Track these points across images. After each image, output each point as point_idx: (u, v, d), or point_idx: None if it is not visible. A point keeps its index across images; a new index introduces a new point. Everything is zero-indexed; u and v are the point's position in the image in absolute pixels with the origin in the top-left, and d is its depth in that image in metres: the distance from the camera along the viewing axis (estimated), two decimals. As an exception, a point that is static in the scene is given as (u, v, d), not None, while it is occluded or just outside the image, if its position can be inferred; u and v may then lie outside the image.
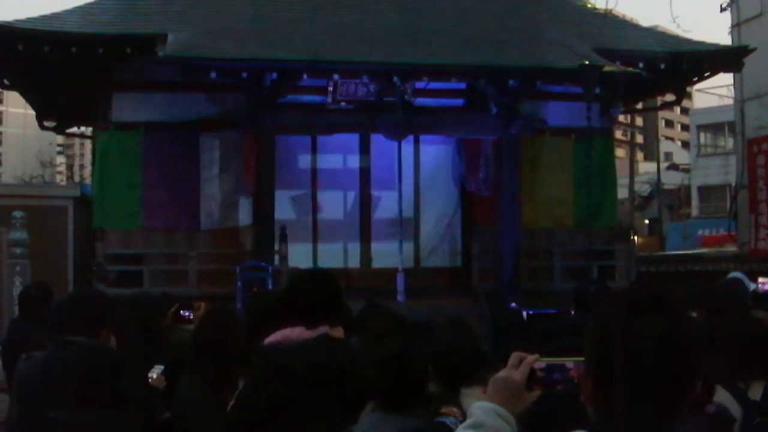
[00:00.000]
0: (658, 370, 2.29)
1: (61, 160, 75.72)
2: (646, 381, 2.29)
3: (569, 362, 2.76)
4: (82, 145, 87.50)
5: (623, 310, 2.37)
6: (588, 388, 2.39)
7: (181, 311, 9.13)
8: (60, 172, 67.90)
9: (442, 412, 4.66)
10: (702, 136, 50.16)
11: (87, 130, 31.20)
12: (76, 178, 67.35)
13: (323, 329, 4.73)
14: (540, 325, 6.83)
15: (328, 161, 21.30)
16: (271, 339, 4.88)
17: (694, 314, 6.55)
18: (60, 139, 59.70)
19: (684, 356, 2.33)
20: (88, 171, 67.47)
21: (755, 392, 4.86)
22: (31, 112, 27.79)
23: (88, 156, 78.00)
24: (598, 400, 2.37)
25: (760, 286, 7.78)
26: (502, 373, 2.77)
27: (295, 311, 4.96)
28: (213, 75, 17.75)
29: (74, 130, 30.85)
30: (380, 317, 6.66)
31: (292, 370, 2.78)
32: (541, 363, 2.77)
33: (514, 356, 2.78)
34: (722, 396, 4.61)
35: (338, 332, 4.89)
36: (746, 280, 9.39)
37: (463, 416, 4.71)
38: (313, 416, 2.77)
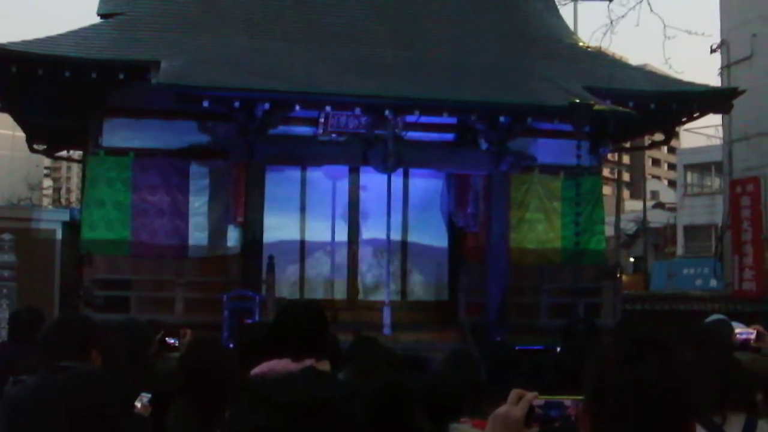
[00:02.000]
0: (654, 411, 2.32)
1: (48, 183, 75.53)
2: (642, 422, 2.32)
3: (567, 400, 2.80)
4: (68, 168, 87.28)
5: (622, 351, 2.40)
6: (586, 426, 2.42)
7: (167, 338, 9.09)
8: (47, 195, 67.70)
9: (432, 447, 4.68)
10: (689, 175, 50.30)
11: (76, 154, 31.15)
12: (63, 202, 67.12)
13: (309, 362, 4.73)
14: (529, 362, 6.85)
15: (318, 193, 21.30)
16: (256, 370, 4.89)
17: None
18: (47, 162, 59.63)
19: (680, 398, 2.36)
20: (75, 195, 67.28)
21: (731, 427, 4.89)
22: (20, 134, 27.71)
23: (75, 180, 77.78)
24: (596, 439, 2.40)
25: (737, 335, 7.79)
26: (501, 409, 2.79)
27: (282, 343, 4.96)
28: (205, 104, 17.79)
29: (63, 153, 30.82)
30: (370, 351, 6.66)
31: (275, 403, 2.80)
32: (539, 400, 2.80)
33: (514, 393, 2.81)
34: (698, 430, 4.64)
35: (324, 365, 4.88)
36: (728, 322, 9.41)
37: (453, 452, 4.73)
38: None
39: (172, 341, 9.33)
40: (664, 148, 56.82)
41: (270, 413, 2.72)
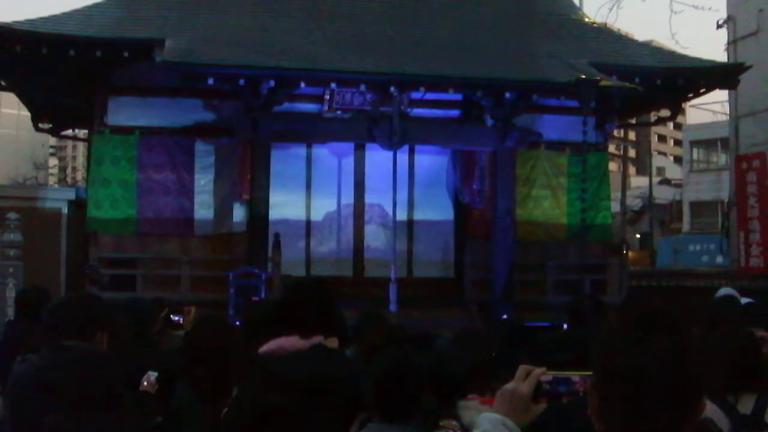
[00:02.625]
0: (663, 388, 2.30)
1: (53, 162, 75.55)
2: (651, 398, 2.30)
3: (575, 376, 2.79)
4: (74, 147, 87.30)
5: (631, 327, 2.38)
6: (594, 402, 2.40)
7: (171, 315, 9.11)
8: (52, 174, 67.80)
9: (440, 425, 4.67)
10: (695, 151, 50.22)
11: (81, 133, 31.14)
12: (69, 181, 67.16)
13: (318, 339, 4.73)
14: (537, 338, 6.86)
15: (323, 170, 21.28)
16: (265, 348, 4.88)
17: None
18: (52, 140, 59.68)
19: (690, 375, 2.34)
20: (80, 174, 67.29)
21: (744, 406, 4.87)
22: (25, 113, 27.70)
23: (81, 158, 77.77)
24: (604, 415, 2.38)
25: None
26: (509, 385, 2.80)
27: (291, 320, 4.94)
28: (210, 81, 17.75)
29: (69, 132, 30.81)
30: (377, 328, 6.66)
31: (288, 380, 2.79)
32: (547, 376, 2.80)
33: (522, 369, 2.81)
34: (710, 409, 4.63)
35: (333, 342, 4.88)
36: (737, 296, 9.42)
37: (462, 428, 4.72)
38: (306, 425, 2.77)
39: (176, 318, 9.35)
40: (670, 124, 56.78)
41: (281, 390, 2.71)
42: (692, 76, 21.73)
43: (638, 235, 53.00)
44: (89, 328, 5.31)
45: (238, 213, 20.15)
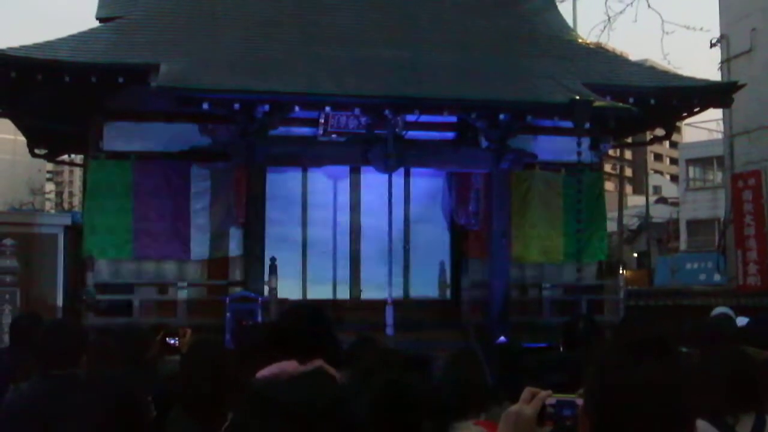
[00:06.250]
0: (654, 414, 2.29)
1: (50, 187, 75.58)
2: (642, 424, 2.29)
3: (579, 399, 2.78)
4: (71, 172, 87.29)
5: (622, 353, 2.38)
6: (585, 428, 2.40)
7: (167, 339, 9.08)
8: (49, 200, 67.82)
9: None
10: (691, 170, 50.26)
11: (77, 158, 31.13)
12: (66, 206, 67.14)
13: (318, 362, 4.72)
14: (533, 360, 6.84)
15: (319, 193, 21.29)
16: (264, 372, 4.86)
17: (686, 350, 6.58)
18: (49, 166, 59.82)
19: (680, 401, 2.34)
20: (77, 199, 67.29)
21: (743, 426, 4.86)
22: (21, 139, 27.71)
23: (78, 183, 77.75)
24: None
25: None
26: (514, 408, 2.79)
27: (288, 344, 4.94)
28: (205, 106, 17.75)
29: (65, 157, 30.81)
30: (371, 352, 6.64)
31: (284, 405, 2.78)
32: (551, 399, 2.79)
33: (527, 391, 2.80)
34: (709, 430, 4.63)
35: (331, 368, 4.87)
36: (732, 315, 9.43)
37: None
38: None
39: (172, 341, 9.33)
40: (666, 143, 56.95)
41: (277, 416, 2.70)
42: (686, 96, 21.78)
43: (635, 255, 53.00)
44: (75, 354, 5.33)
45: (234, 237, 20.12)
